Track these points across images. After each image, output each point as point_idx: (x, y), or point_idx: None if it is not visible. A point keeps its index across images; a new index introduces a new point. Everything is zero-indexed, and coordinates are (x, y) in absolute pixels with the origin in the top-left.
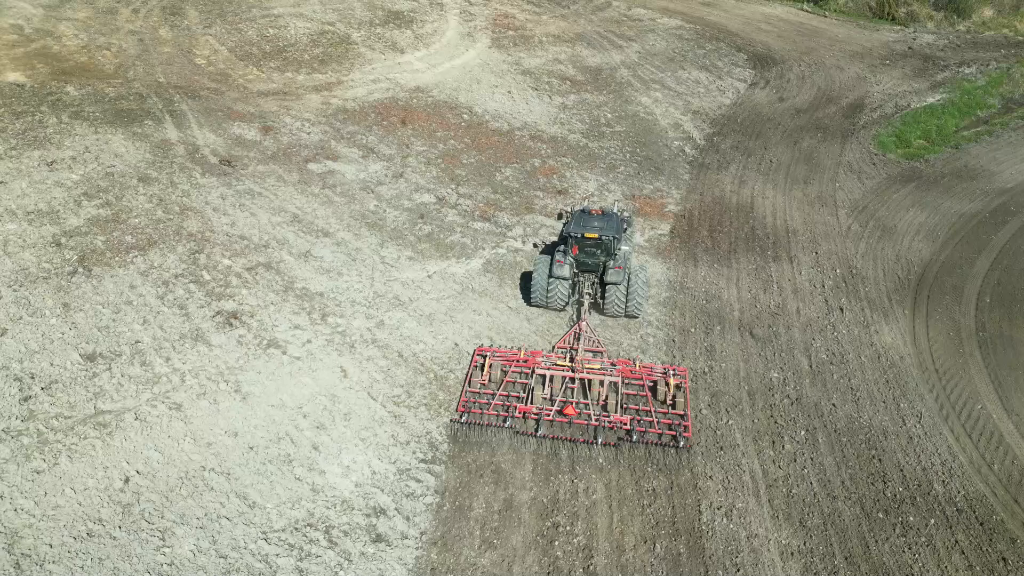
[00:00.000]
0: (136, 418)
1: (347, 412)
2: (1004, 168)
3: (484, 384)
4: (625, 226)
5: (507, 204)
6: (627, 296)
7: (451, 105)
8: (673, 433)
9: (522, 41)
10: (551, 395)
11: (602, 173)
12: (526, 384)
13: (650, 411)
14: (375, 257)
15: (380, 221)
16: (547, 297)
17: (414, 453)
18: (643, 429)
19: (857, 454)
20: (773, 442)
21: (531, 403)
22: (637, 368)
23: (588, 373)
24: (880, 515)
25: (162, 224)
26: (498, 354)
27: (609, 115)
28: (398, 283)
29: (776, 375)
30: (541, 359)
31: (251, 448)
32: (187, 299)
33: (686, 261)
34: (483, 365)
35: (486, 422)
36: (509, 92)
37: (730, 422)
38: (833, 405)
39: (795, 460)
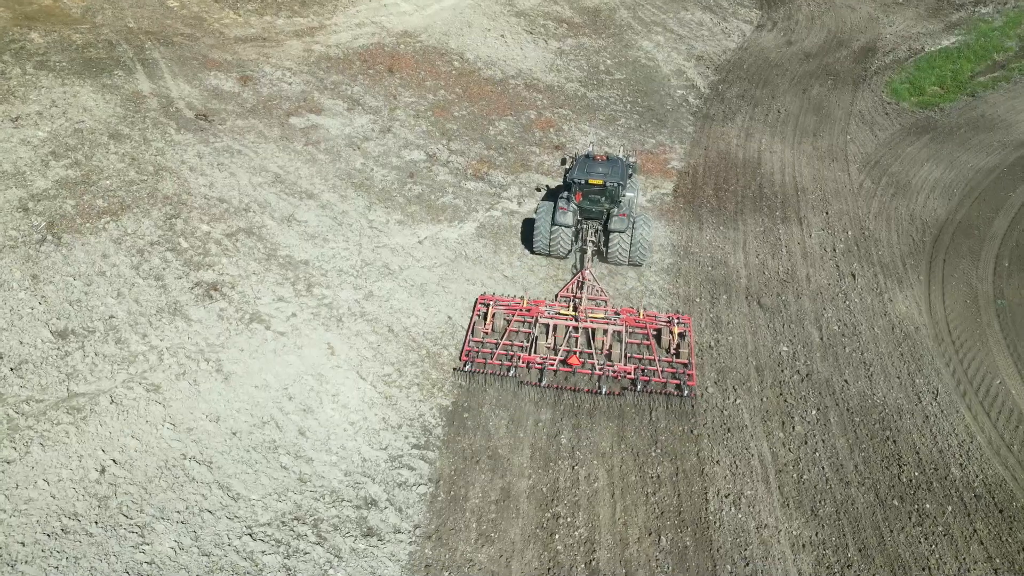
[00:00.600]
0: (112, 401)
1: (335, 393)
2: (1022, 119)
3: (487, 333)
4: (630, 171)
5: (501, 161)
6: (631, 244)
7: (441, 51)
8: (677, 382)
9: None
10: (555, 345)
11: (601, 126)
12: (529, 333)
13: (654, 360)
14: (362, 221)
15: (367, 181)
16: (550, 245)
17: (406, 438)
18: (647, 378)
19: (871, 435)
20: (783, 423)
21: (535, 352)
22: (641, 317)
23: (592, 322)
24: (895, 502)
25: (135, 186)
26: (501, 303)
27: (608, 61)
28: (387, 249)
29: (785, 349)
30: (544, 308)
31: (234, 434)
32: (164, 269)
33: (690, 223)
34: (486, 314)
35: (489, 371)
36: (502, 36)
37: (738, 401)
38: (845, 381)
39: (806, 442)
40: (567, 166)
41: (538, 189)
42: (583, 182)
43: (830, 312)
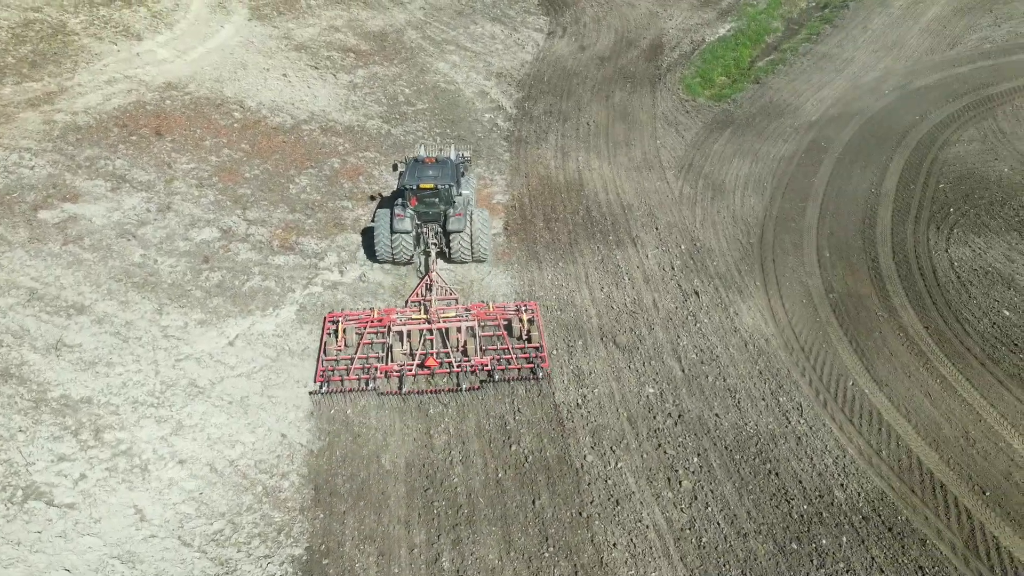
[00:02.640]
0: None
1: (155, 575)
2: (804, 100)
3: (340, 350)
4: (462, 170)
5: (311, 224)
6: (472, 241)
7: (216, 102)
8: (531, 366)
9: (287, 7)
10: (411, 350)
11: None
12: (384, 343)
13: (508, 348)
14: (154, 330)
15: (152, 277)
16: (393, 252)
17: None
18: (503, 368)
19: (754, 472)
20: (668, 479)
21: (392, 361)
22: (491, 309)
23: (444, 322)
24: (794, 546)
25: None
26: (350, 317)
27: (407, 90)
28: (192, 361)
29: (651, 390)
30: (396, 315)
31: None
32: None
33: (529, 264)
34: (336, 331)
35: (348, 388)
36: (285, 75)
37: (619, 464)
38: (716, 416)
39: (696, 498)
40: (399, 171)
41: (372, 198)
42: (415, 187)
43: (685, 339)
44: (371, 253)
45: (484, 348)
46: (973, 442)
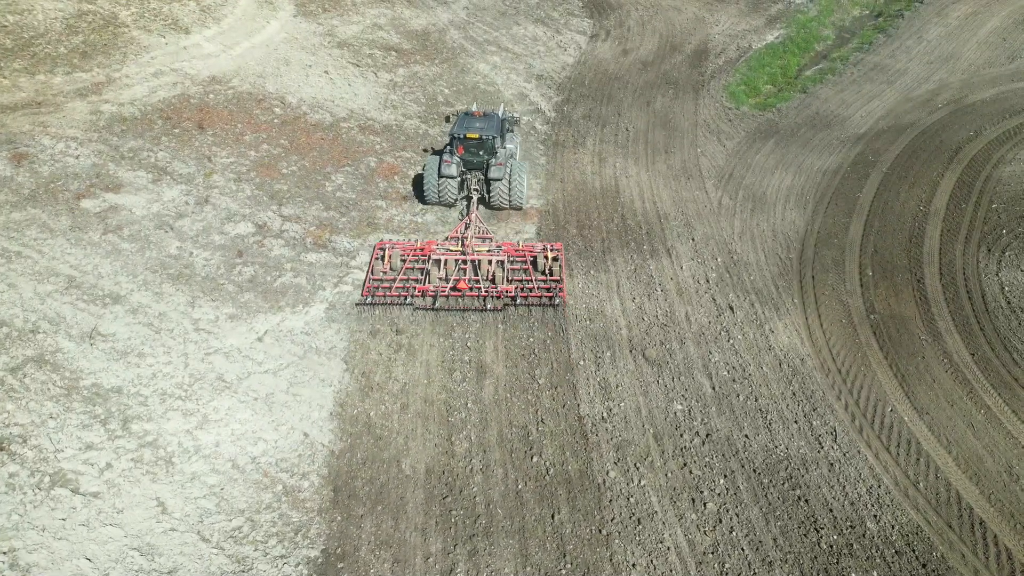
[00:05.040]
0: None
1: (171, 569)
2: (853, 111)
3: (385, 272)
4: (508, 126)
5: (344, 223)
6: (509, 190)
7: (258, 97)
8: (551, 295)
9: (332, 4)
10: (446, 275)
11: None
12: (423, 268)
13: (531, 280)
14: (186, 323)
15: (186, 269)
16: (439, 194)
17: None
18: (526, 295)
19: (782, 498)
20: (693, 500)
21: (428, 283)
22: (520, 247)
23: (477, 255)
24: None
25: None
26: (397, 245)
27: (446, 90)
28: (220, 355)
29: (680, 407)
30: (436, 246)
31: None
32: None
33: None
34: (384, 256)
35: (389, 302)
36: (326, 72)
37: (643, 482)
38: (746, 436)
39: (720, 521)
40: (451, 123)
41: (425, 150)
42: (462, 136)
43: (716, 355)
44: (421, 196)
45: (511, 279)
46: (1017, 478)
